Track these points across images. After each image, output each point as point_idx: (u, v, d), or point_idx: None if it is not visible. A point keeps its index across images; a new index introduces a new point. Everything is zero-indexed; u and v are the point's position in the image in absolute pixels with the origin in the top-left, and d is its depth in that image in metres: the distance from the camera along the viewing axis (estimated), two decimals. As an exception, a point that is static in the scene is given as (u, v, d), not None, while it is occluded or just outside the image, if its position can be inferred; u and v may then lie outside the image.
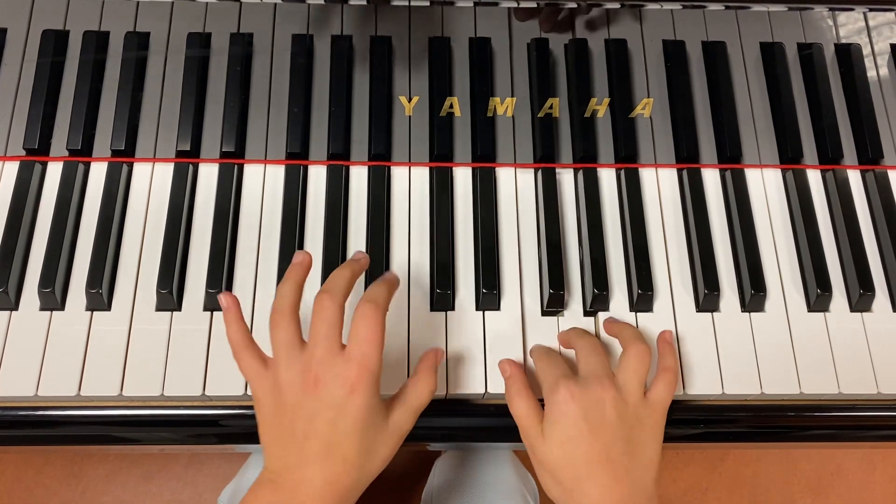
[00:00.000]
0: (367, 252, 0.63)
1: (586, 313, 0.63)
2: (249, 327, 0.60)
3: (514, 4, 0.59)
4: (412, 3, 0.58)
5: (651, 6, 0.60)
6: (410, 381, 0.54)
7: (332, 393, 0.48)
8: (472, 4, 0.60)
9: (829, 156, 0.68)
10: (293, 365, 0.49)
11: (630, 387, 0.54)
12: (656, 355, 0.59)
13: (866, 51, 0.71)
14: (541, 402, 0.56)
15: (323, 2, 0.58)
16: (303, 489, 0.49)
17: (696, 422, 0.62)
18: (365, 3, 0.58)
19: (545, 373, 0.56)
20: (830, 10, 0.65)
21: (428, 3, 0.59)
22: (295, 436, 0.49)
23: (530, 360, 0.61)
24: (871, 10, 0.65)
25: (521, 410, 0.55)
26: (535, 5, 0.61)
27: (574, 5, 0.61)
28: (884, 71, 0.71)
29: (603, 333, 0.62)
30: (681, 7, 0.61)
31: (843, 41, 0.71)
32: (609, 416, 0.52)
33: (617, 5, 0.60)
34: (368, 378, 0.49)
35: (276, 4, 0.67)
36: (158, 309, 0.61)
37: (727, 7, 0.60)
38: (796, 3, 0.60)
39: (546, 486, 0.54)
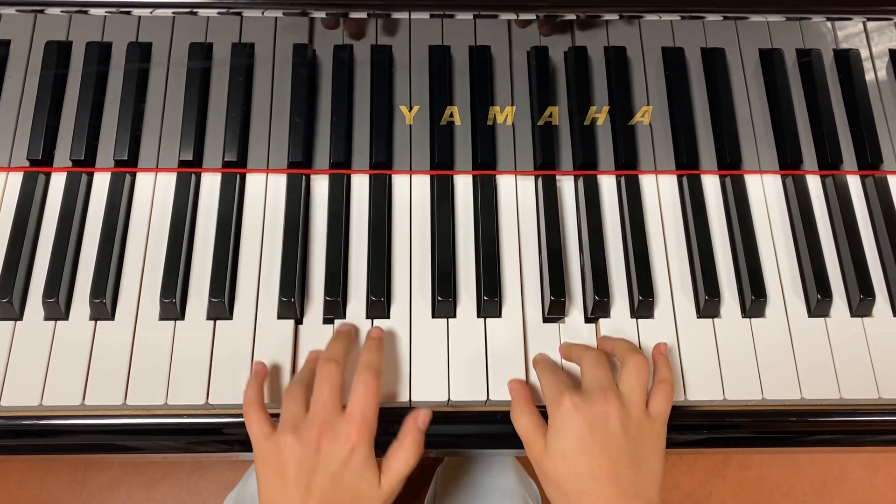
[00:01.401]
0: (368, 259, 0.63)
1: (587, 320, 0.63)
2: (253, 334, 0.61)
3: (514, 16, 0.60)
4: (412, 16, 0.59)
5: (650, 17, 0.60)
6: (394, 451, 0.55)
7: (335, 448, 0.52)
8: (471, 17, 0.60)
9: (829, 161, 0.68)
10: (300, 428, 0.53)
11: (633, 398, 0.54)
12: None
13: (865, 55, 0.71)
14: (544, 414, 0.56)
15: (324, 15, 0.59)
16: None
17: (699, 427, 0.62)
18: (365, 15, 0.59)
19: (549, 385, 0.56)
20: (828, 19, 0.65)
21: (427, 16, 0.60)
22: (298, 491, 0.51)
23: (533, 370, 0.61)
24: (868, 19, 0.65)
25: (524, 425, 0.55)
26: (534, 17, 0.61)
27: (573, 16, 0.61)
28: (882, 75, 0.71)
29: None
30: (679, 18, 0.61)
31: (842, 47, 0.71)
32: (614, 430, 0.52)
33: (615, 16, 0.60)
34: (367, 436, 0.53)
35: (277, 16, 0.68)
36: (162, 318, 0.61)
37: (725, 17, 0.60)
38: (794, 14, 0.60)
39: (551, 497, 0.54)
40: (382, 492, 0.53)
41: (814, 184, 0.69)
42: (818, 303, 0.63)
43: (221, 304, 0.61)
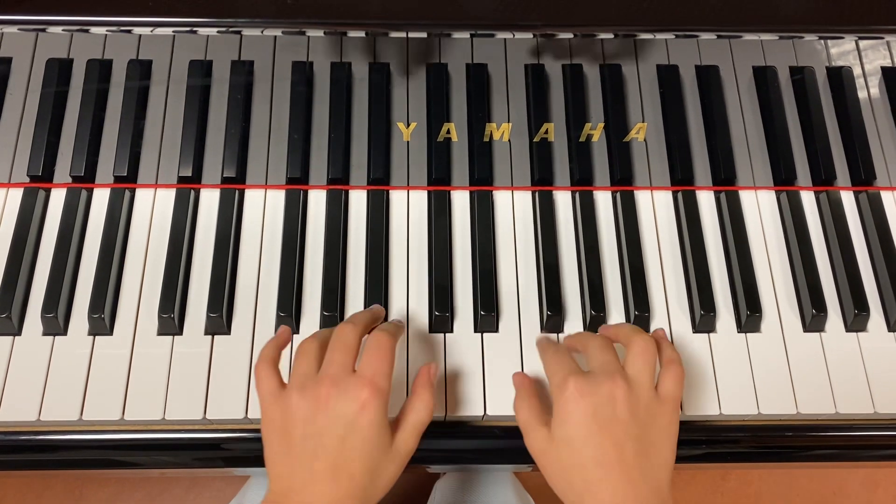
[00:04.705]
0: (365, 274, 0.64)
1: (584, 335, 0.64)
2: (251, 349, 0.61)
3: (510, 35, 0.60)
4: (409, 35, 0.60)
5: (644, 35, 0.61)
6: (408, 403, 0.53)
7: (342, 409, 0.49)
8: (468, 36, 0.61)
9: (823, 177, 0.69)
10: (307, 386, 0.51)
11: (641, 380, 0.52)
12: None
13: (857, 72, 0.72)
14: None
15: (322, 34, 0.59)
16: None
17: (697, 442, 0.62)
18: (364, 35, 0.59)
19: (553, 368, 0.54)
20: (820, 38, 0.66)
21: (425, 35, 0.60)
22: (304, 454, 0.49)
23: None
24: (860, 38, 0.66)
25: (524, 415, 0.54)
26: (530, 36, 0.62)
27: (570, 35, 0.62)
28: (875, 92, 0.72)
29: None
30: (673, 36, 0.62)
31: (835, 64, 0.72)
32: (621, 414, 0.50)
33: (610, 35, 0.61)
34: (378, 396, 0.49)
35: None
36: (160, 333, 0.61)
37: (719, 36, 0.61)
38: (787, 33, 0.61)
39: (557, 490, 0.52)
40: (397, 452, 0.51)
41: (808, 199, 0.69)
42: (813, 318, 0.63)
43: (219, 320, 0.61)
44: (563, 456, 0.51)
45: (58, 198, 0.66)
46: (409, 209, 0.67)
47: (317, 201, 0.67)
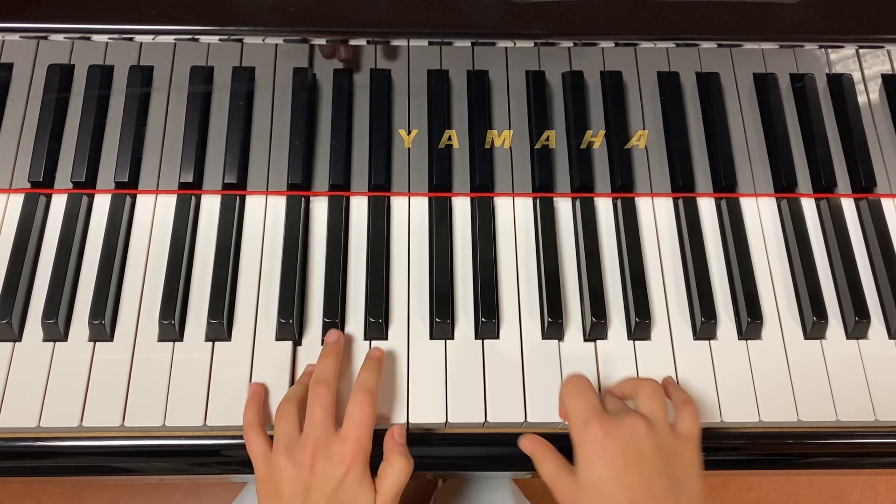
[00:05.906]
0: (366, 280, 0.64)
1: (585, 341, 0.64)
2: (251, 356, 0.61)
3: (511, 44, 0.61)
4: (411, 43, 0.60)
5: (645, 44, 0.61)
6: (383, 469, 0.55)
7: (329, 471, 0.52)
8: (469, 44, 0.61)
9: (823, 184, 0.69)
10: (293, 450, 0.54)
11: (657, 417, 0.53)
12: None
13: (857, 78, 0.72)
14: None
15: (324, 42, 0.60)
16: None
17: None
18: (365, 42, 0.60)
19: (575, 410, 0.54)
20: (821, 47, 0.66)
21: (426, 44, 0.61)
22: None
23: (530, 391, 0.61)
24: (860, 47, 0.66)
25: (549, 469, 0.54)
26: (531, 45, 0.62)
27: (570, 45, 0.62)
28: (875, 98, 0.72)
29: None
30: (674, 45, 0.63)
31: (835, 70, 0.72)
32: (645, 450, 0.50)
33: (611, 44, 0.61)
34: (361, 455, 0.53)
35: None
36: (160, 340, 0.61)
37: (720, 45, 0.61)
38: (787, 42, 0.61)
39: None
40: None
41: (808, 206, 0.70)
42: (814, 325, 0.63)
43: (220, 326, 0.61)
44: (591, 498, 0.51)
45: (59, 204, 0.66)
46: (410, 215, 0.67)
47: (318, 207, 0.67)
